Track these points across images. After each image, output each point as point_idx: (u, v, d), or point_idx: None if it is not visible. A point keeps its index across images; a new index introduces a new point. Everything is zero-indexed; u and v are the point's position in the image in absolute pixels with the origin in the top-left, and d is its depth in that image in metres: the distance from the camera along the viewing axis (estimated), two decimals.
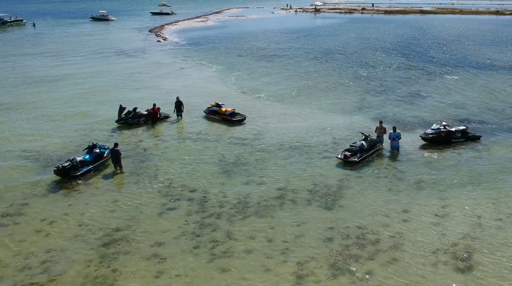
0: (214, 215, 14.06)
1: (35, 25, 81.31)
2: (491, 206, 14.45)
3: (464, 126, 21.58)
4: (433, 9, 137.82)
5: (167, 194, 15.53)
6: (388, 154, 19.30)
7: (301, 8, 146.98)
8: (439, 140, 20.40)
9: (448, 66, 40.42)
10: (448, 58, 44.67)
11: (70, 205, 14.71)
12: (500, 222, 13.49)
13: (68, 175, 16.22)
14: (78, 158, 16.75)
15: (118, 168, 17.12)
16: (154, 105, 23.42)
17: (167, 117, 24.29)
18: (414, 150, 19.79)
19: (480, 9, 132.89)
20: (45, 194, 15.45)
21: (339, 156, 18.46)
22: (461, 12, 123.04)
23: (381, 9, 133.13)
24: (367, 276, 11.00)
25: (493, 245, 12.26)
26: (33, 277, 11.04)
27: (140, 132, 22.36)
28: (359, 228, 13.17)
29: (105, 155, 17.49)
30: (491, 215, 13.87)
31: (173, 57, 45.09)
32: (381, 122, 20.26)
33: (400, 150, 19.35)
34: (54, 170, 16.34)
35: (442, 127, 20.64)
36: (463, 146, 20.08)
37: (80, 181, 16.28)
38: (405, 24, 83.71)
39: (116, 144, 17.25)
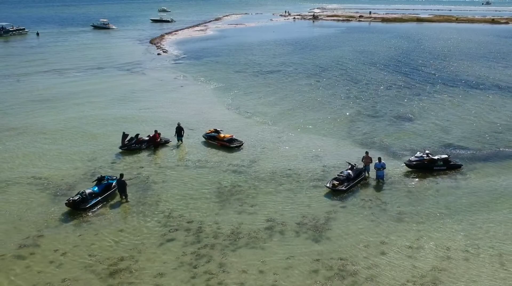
0: (209, 246, 15.57)
1: (39, 34, 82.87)
2: (461, 238, 15.98)
3: (446, 154, 23.07)
4: (430, 16, 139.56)
5: (166, 224, 17.03)
6: (373, 183, 20.83)
7: (299, 15, 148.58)
8: (422, 167, 21.95)
9: (438, 84, 42.03)
10: (439, 75, 46.27)
11: (80, 235, 16.22)
12: (467, 254, 15.03)
13: (78, 208, 17.69)
14: (88, 191, 18.24)
15: (124, 197, 18.64)
16: (156, 131, 24.95)
17: (167, 141, 25.80)
18: (398, 178, 21.34)
19: (476, 17, 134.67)
20: (58, 225, 16.93)
21: (327, 185, 20.02)
22: (457, 20, 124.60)
23: (378, 16, 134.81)
24: None
25: (456, 277, 13.80)
26: None
27: (142, 158, 23.88)
28: (341, 259, 14.70)
29: (112, 185, 18.98)
30: (460, 247, 15.41)
31: (174, 73, 46.64)
32: (367, 153, 21.81)
33: (384, 178, 20.89)
34: (66, 203, 17.82)
35: (425, 155, 22.21)
36: (443, 175, 21.60)
37: (90, 213, 17.76)
38: (400, 34, 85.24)
39: (121, 175, 18.80)
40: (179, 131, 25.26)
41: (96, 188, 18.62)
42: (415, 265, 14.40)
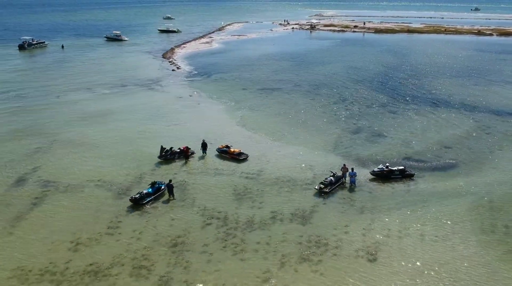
0: (233, 228, 23.59)
1: (64, 47, 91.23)
2: (399, 224, 24.00)
3: (403, 166, 31.08)
4: (421, 26, 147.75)
5: (203, 214, 25.04)
6: (347, 186, 28.86)
7: (297, 24, 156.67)
8: (382, 176, 29.99)
9: (412, 103, 50.05)
10: (414, 93, 54.29)
11: (146, 221, 24.26)
12: (399, 234, 23.08)
13: (138, 204, 25.72)
14: (144, 191, 26.27)
15: (171, 196, 26.67)
16: (187, 147, 32.98)
17: (193, 153, 33.80)
18: (365, 183, 29.37)
19: (464, 27, 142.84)
20: (128, 214, 24.95)
21: (316, 187, 28.05)
22: (446, 31, 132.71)
23: (372, 26, 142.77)
24: (319, 264, 20.57)
25: (390, 246, 21.88)
26: (140, 262, 20.61)
27: (176, 167, 31.87)
28: (318, 236, 22.72)
29: (162, 188, 27.01)
30: (396, 230, 23.43)
31: (189, 90, 54.69)
32: (344, 165, 29.85)
33: (356, 183, 28.91)
34: (130, 199, 25.83)
35: (385, 167, 30.24)
36: (400, 182, 29.59)
37: (148, 206, 25.80)
38: (389, 48, 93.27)
39: (170, 180, 26.88)
40: (204, 146, 33.30)
41: (150, 190, 26.62)
42: (365, 240, 22.46)
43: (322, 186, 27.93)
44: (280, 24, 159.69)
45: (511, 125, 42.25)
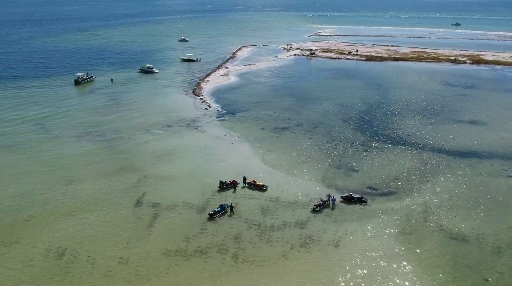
0: (263, 228, 44.63)
1: (113, 80, 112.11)
2: (353, 228, 45.02)
3: (360, 195, 52.13)
4: (407, 51, 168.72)
5: (247, 222, 46.00)
6: (330, 206, 49.91)
7: (298, 48, 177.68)
8: (347, 200, 51.08)
9: (381, 141, 70.93)
10: (384, 132, 75.18)
11: (218, 226, 45.39)
12: (352, 233, 44.18)
13: (213, 217, 46.84)
14: (216, 209, 47.48)
15: (232, 213, 47.75)
16: (234, 180, 54.21)
17: (237, 184, 54.88)
18: (338, 204, 50.43)
19: (445, 52, 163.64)
20: (207, 222, 46.04)
21: (311, 208, 49.14)
22: (427, 58, 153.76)
23: (364, 53, 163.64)
24: (310, 248, 41.69)
25: (346, 240, 43.00)
26: (220, 246, 41.89)
27: (227, 193, 52.93)
28: (309, 234, 43.79)
29: (225, 208, 48.11)
30: (350, 231, 44.49)
31: (222, 129, 75.29)
32: (329, 194, 50.97)
33: (335, 204, 49.97)
34: (208, 213, 46.99)
35: (349, 194, 51.42)
36: (358, 204, 50.48)
37: (217, 218, 46.91)
38: (375, 81, 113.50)
39: (231, 203, 48.15)
40: (244, 179, 54.52)
41: (219, 209, 47.80)
42: (334, 234, 43.54)
43: (315, 207, 49.03)
44: (284, 48, 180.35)
45: (443, 160, 63.27)
